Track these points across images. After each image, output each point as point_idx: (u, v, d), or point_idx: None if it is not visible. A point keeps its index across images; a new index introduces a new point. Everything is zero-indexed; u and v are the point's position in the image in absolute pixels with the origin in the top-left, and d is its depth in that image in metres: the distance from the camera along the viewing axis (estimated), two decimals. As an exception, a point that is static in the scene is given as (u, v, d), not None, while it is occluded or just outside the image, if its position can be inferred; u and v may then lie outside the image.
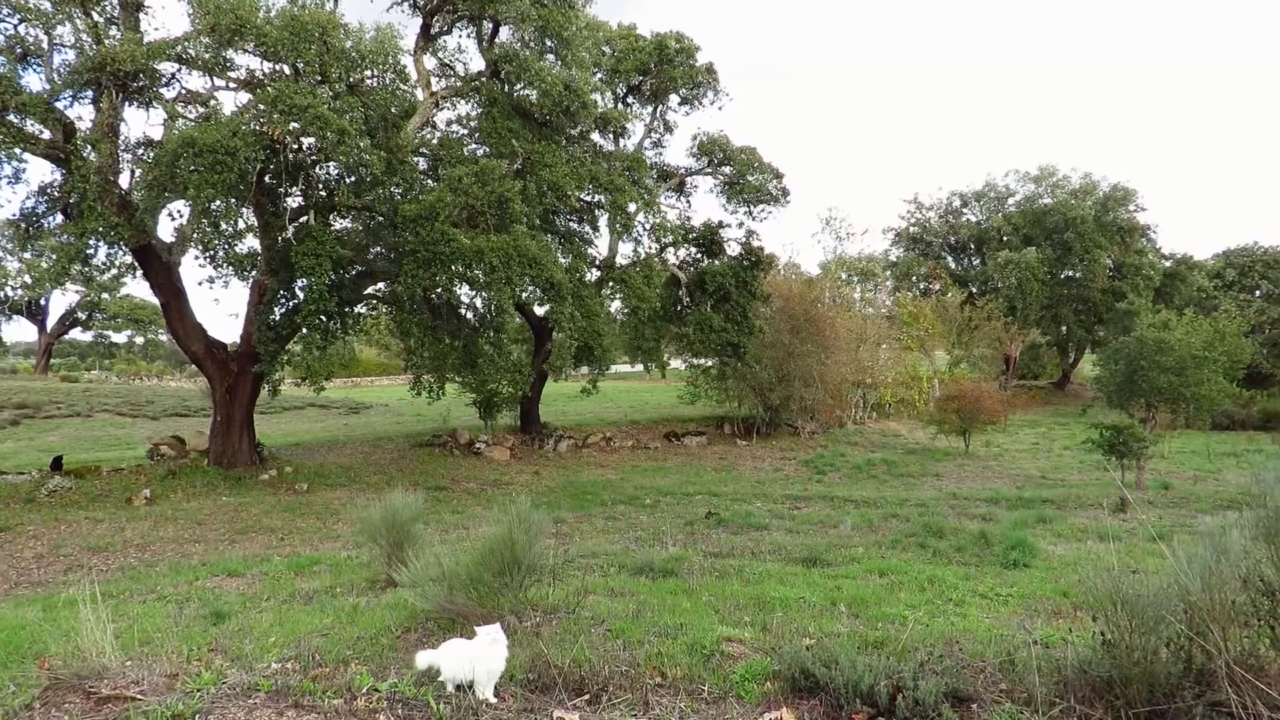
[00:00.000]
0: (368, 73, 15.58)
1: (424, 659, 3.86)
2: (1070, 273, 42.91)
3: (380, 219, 16.92)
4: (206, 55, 14.50)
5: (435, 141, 19.43)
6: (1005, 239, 43.93)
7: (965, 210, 47.60)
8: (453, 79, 20.47)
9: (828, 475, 20.44)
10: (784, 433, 27.02)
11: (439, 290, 16.75)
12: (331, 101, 14.27)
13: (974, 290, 43.86)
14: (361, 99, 14.97)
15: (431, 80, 18.95)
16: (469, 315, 18.30)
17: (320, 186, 16.05)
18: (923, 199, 48.70)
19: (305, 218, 15.70)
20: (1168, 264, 43.52)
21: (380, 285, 18.94)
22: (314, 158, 14.46)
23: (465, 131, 20.85)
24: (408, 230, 15.00)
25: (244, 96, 15.37)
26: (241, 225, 15.98)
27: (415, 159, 17.60)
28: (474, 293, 17.29)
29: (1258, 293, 40.72)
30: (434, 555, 5.55)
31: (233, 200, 14.19)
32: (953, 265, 46.80)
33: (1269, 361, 37.73)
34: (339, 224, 17.84)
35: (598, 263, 23.74)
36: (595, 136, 22.31)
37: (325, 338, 16.14)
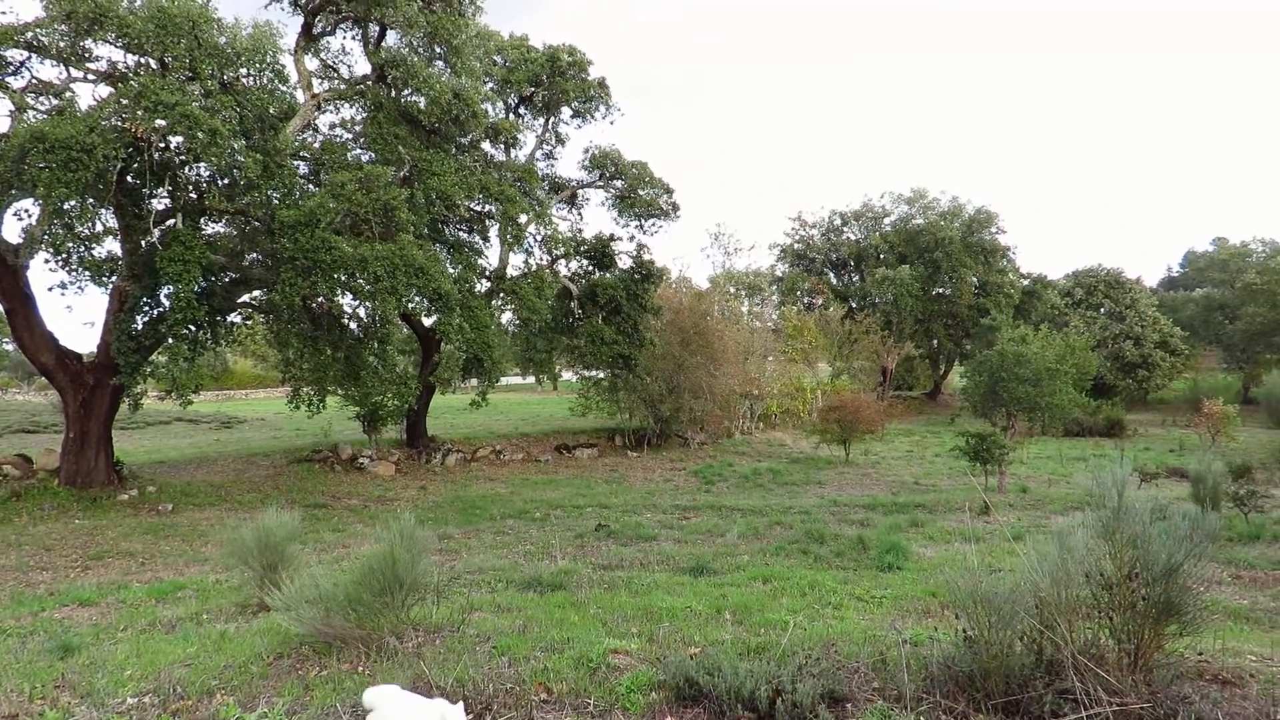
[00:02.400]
0: (243, 71, 14.86)
1: (370, 699, 3.42)
2: (940, 289, 45.48)
3: (256, 224, 16.13)
4: (62, 44, 13.47)
5: (317, 145, 18.72)
6: (882, 257, 46.16)
7: (845, 229, 49.74)
8: (336, 81, 19.81)
9: (716, 485, 20.83)
10: (674, 444, 27.38)
11: (320, 299, 16.11)
12: (203, 99, 13.53)
13: (854, 305, 45.85)
14: (236, 98, 14.25)
15: (313, 82, 18.28)
16: (352, 325, 17.68)
17: (190, 188, 15.16)
18: (806, 217, 50.57)
19: (172, 221, 14.78)
20: (1026, 283, 46.77)
21: (256, 293, 18.05)
22: (183, 158, 13.63)
23: (350, 136, 20.18)
24: (286, 236, 14.36)
25: (105, 90, 14.36)
26: (100, 227, 14.92)
27: (295, 163, 16.90)
28: (358, 302, 16.73)
29: (1101, 310, 44.32)
30: (310, 576, 5.31)
31: (90, 200, 13.21)
32: (834, 281, 48.78)
33: (1112, 373, 41.12)
34: (211, 228, 16.90)
35: (488, 273, 23.43)
36: (486, 146, 22.06)
37: (194, 348, 15.23)
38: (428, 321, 21.96)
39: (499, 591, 7.21)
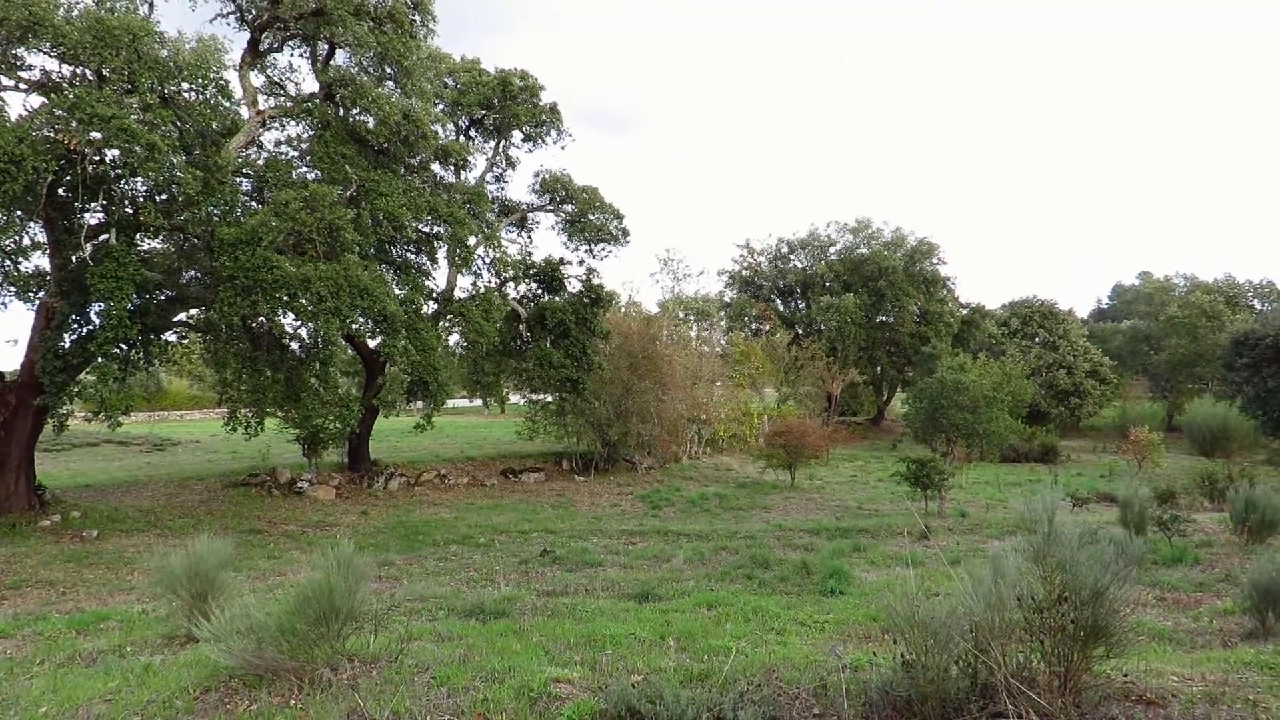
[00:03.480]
0: (185, 85, 14.55)
1: None
2: (884, 317, 46.55)
3: (195, 241, 15.72)
4: (-9, 51, 13.03)
5: (261, 162, 18.37)
6: (828, 285, 47.09)
7: (792, 256, 50.64)
8: (283, 98, 19.51)
9: (663, 510, 20.83)
10: (622, 468, 27.32)
11: (261, 319, 15.73)
12: (141, 113, 13.19)
13: (800, 332, 46.60)
14: (177, 112, 13.94)
15: (259, 98, 17.97)
16: (294, 346, 17.29)
17: (125, 203, 14.72)
18: (754, 244, 51.39)
19: (106, 236, 14.32)
20: (965, 312, 48.17)
21: (194, 311, 17.55)
22: (119, 172, 13.24)
23: (295, 154, 19.85)
24: (226, 254, 14.02)
25: (37, 100, 13.89)
26: (27, 241, 14.37)
27: (238, 180, 16.56)
28: (300, 323, 16.38)
29: (1036, 339, 45.85)
30: (242, 606, 5.15)
31: (17, 213, 12.73)
32: (781, 308, 49.55)
33: (1046, 401, 42.48)
34: (147, 244, 16.41)
35: (436, 295, 23.20)
36: (436, 167, 21.93)
37: (125, 368, 14.71)
38: (372, 343, 21.60)
39: (440, 620, 7.07)
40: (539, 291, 25.74)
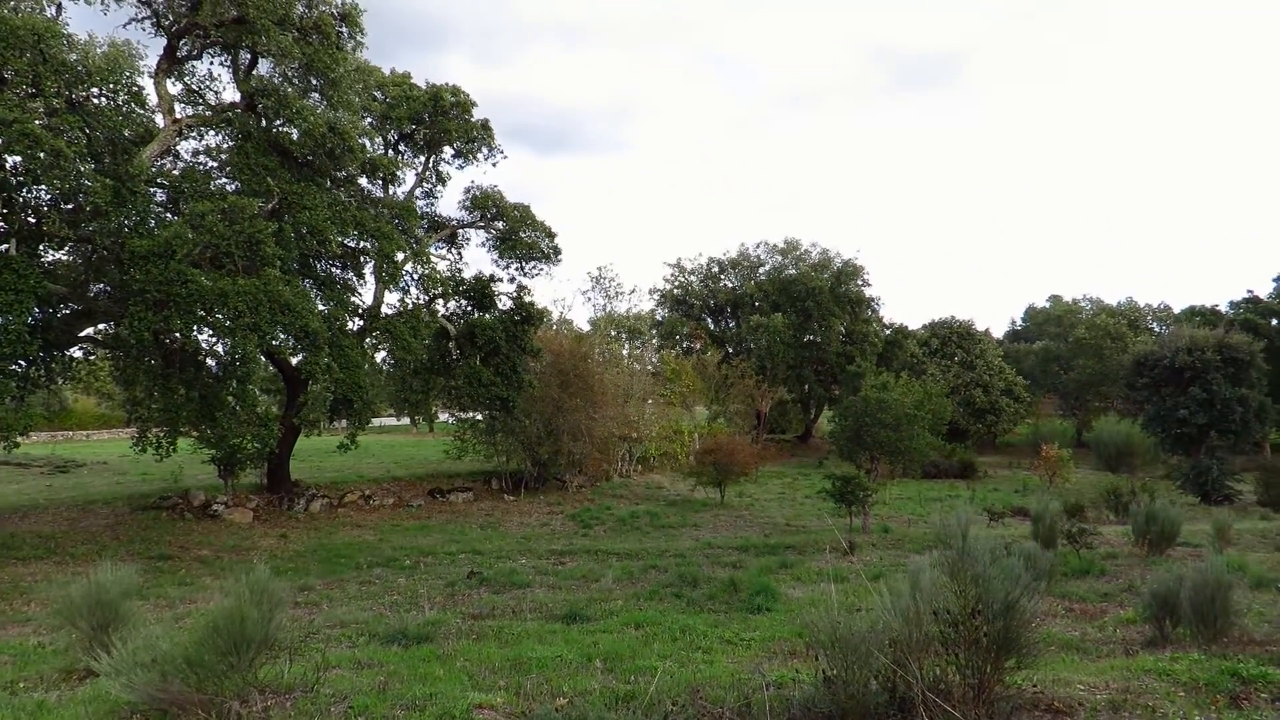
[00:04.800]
0: (95, 90, 13.94)
1: None
2: (811, 337, 47.51)
3: (104, 253, 15.02)
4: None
5: (177, 173, 17.72)
6: (757, 304, 47.87)
7: (723, 276, 51.33)
8: (202, 107, 18.88)
9: (594, 529, 20.72)
10: (552, 487, 27.08)
11: (175, 335, 15.09)
12: (46, 118, 12.59)
13: (730, 350, 47.19)
14: (85, 118, 13.33)
15: (175, 106, 17.35)
16: (210, 363, 16.65)
17: (28, 212, 13.98)
18: (685, 263, 51.88)
19: (5, 246, 13.56)
20: (889, 332, 49.61)
21: (102, 326, 16.74)
22: (20, 179, 12.60)
23: (215, 165, 19.21)
24: (137, 267, 13.44)
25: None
26: (-84, 251, 13.53)
27: (152, 190, 15.90)
28: (216, 339, 15.79)
29: (955, 359, 47.52)
30: (147, 636, 4.90)
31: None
32: (712, 326, 50.09)
33: (964, 419, 44.01)
34: (51, 256, 15.61)
35: (362, 311, 22.67)
36: (363, 181, 21.50)
37: (24, 385, 13.92)
38: (294, 360, 20.97)
39: (360, 646, 6.87)
40: (469, 308, 25.43)
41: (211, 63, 18.70)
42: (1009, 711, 4.38)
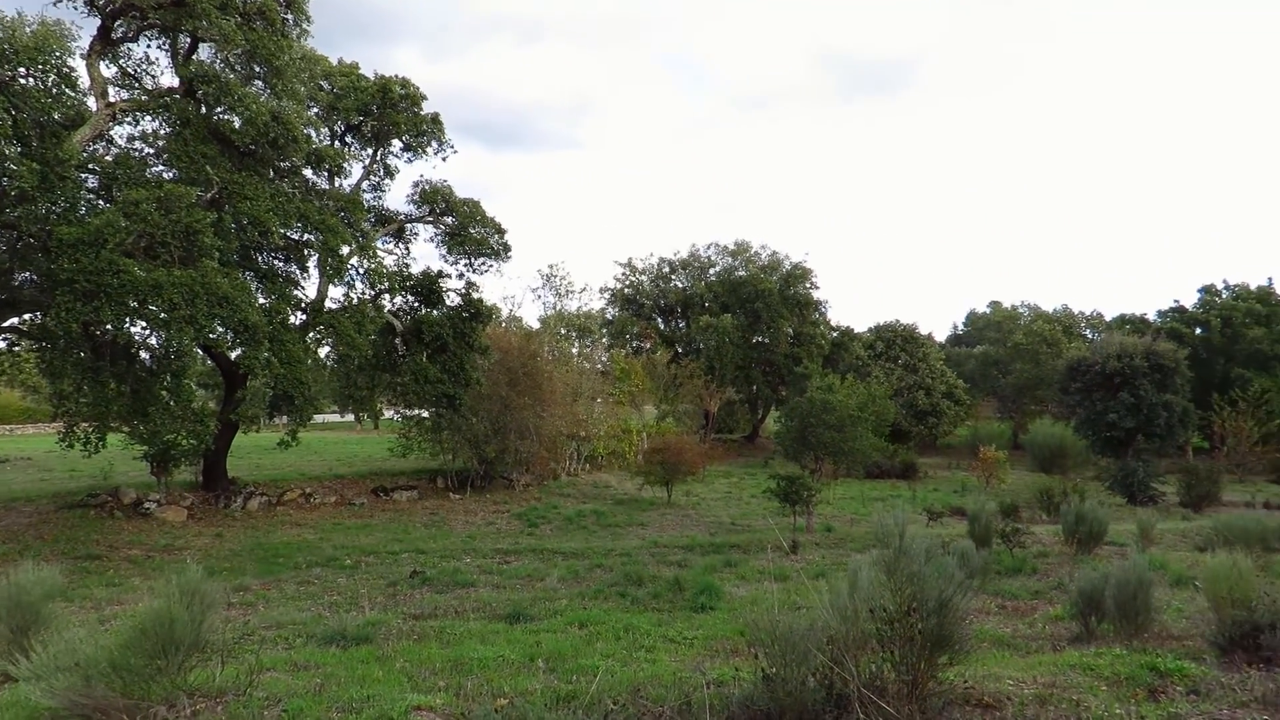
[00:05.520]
0: (21, 70, 13.36)
1: None
2: (760, 338, 48.04)
3: (31, 240, 14.40)
4: None
5: (110, 158, 17.07)
6: (707, 305, 48.18)
7: (673, 276, 51.54)
8: (137, 91, 18.21)
9: (540, 528, 20.62)
10: (499, 485, 26.87)
11: (106, 326, 14.54)
12: (-31, 98, 12.03)
13: (680, 350, 47.43)
14: (11, 99, 12.78)
15: (109, 90, 16.71)
16: (144, 356, 16.09)
17: (-54, 196, 13.33)
18: (636, 263, 51.94)
19: (-78, 231, 12.93)
20: (835, 335, 50.43)
21: (28, 316, 16.04)
22: (-61, 161, 12.01)
23: (151, 151, 18.54)
24: (65, 256, 12.92)
25: None
26: None
27: (82, 175, 15.30)
28: (150, 331, 15.27)
29: (899, 361, 48.51)
30: (70, 639, 4.72)
31: None
32: (662, 326, 50.27)
33: (907, 420, 44.96)
34: (-29, 242, 14.91)
35: (305, 305, 22.15)
36: (308, 173, 21.01)
37: (-59, 377, 13.26)
38: (233, 354, 20.38)
39: (297, 648, 6.72)
40: (416, 304, 25.05)
41: (149, 45, 18.05)
42: (941, 707, 4.50)
